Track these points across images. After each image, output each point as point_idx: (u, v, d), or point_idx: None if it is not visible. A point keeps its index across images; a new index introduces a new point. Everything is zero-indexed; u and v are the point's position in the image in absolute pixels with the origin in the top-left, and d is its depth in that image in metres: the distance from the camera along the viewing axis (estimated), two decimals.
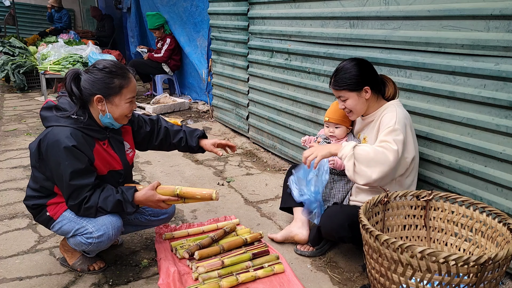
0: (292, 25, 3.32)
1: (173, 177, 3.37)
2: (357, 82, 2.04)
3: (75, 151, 1.80)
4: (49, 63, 6.00)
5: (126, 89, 1.88)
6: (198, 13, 5.52)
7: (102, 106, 1.87)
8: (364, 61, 2.12)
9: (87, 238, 1.90)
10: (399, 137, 1.93)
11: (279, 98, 3.63)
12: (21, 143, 4.19)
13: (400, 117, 1.99)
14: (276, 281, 2.01)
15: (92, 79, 1.84)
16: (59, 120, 1.85)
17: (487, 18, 1.93)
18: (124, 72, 1.88)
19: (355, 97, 2.07)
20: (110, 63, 1.87)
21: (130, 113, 1.96)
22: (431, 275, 1.46)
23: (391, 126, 1.96)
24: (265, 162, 3.75)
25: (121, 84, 1.86)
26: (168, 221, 2.36)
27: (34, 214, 2.00)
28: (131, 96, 1.91)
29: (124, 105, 1.89)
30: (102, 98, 1.85)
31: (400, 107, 2.09)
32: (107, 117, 1.89)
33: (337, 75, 2.09)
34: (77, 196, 1.83)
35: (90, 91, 1.84)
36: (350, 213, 2.02)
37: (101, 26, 9.33)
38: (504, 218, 1.72)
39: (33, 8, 11.77)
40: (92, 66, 1.89)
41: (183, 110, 5.62)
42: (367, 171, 1.89)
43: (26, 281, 2.04)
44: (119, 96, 1.87)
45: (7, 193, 3.03)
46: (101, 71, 1.84)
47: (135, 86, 1.94)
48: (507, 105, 1.89)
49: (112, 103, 1.87)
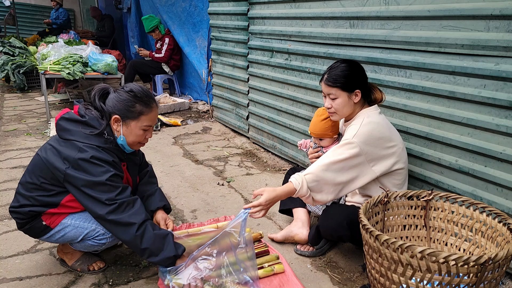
0: (292, 25, 3.32)
1: (173, 177, 3.37)
2: (350, 82, 2.02)
3: (116, 166, 1.83)
4: (49, 63, 5.99)
5: (145, 117, 1.89)
6: (197, 13, 5.52)
7: (118, 127, 1.88)
8: (357, 63, 2.11)
9: (99, 239, 1.92)
10: (349, 152, 1.92)
11: (279, 98, 3.63)
12: (21, 143, 4.19)
13: (362, 130, 1.95)
14: (276, 281, 2.01)
15: (117, 98, 1.86)
16: (89, 139, 1.81)
17: (487, 18, 1.93)
18: (149, 100, 1.89)
19: (345, 97, 2.03)
20: (138, 89, 1.88)
21: (144, 141, 1.96)
22: (431, 275, 1.46)
23: (348, 138, 1.96)
24: (265, 162, 3.75)
25: (142, 110, 1.87)
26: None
27: (25, 222, 1.90)
28: (148, 124, 1.91)
29: (139, 132, 1.89)
30: (119, 119, 1.86)
31: (371, 116, 2.04)
32: (121, 139, 1.90)
33: (331, 71, 2.06)
34: (120, 193, 1.79)
35: (111, 108, 1.86)
36: (349, 212, 2.03)
37: (101, 26, 9.33)
38: (504, 218, 1.72)
39: (33, 8, 11.77)
40: (121, 87, 1.91)
41: (183, 110, 5.62)
42: (322, 197, 1.92)
43: (26, 281, 2.04)
44: (136, 121, 1.87)
45: (7, 193, 3.03)
46: (127, 93, 1.86)
47: (156, 117, 1.94)
48: (507, 105, 1.89)
49: (128, 126, 1.88)
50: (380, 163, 1.98)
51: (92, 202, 1.78)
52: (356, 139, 1.93)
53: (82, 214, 1.93)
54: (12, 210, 1.92)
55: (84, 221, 1.92)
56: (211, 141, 4.37)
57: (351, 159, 1.92)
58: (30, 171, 1.89)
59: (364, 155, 1.94)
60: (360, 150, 1.92)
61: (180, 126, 4.88)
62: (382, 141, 1.98)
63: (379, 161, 1.98)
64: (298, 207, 2.43)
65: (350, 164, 1.93)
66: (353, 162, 1.93)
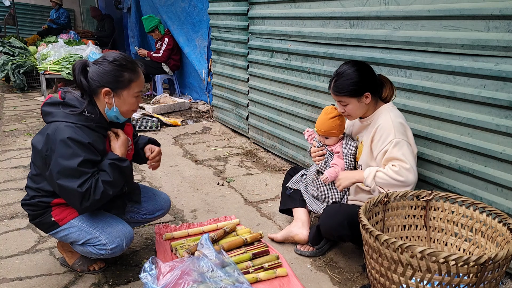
0: (292, 25, 3.32)
1: (173, 177, 3.37)
2: (358, 88, 2.03)
3: (92, 148, 1.76)
4: (49, 63, 6.01)
5: (135, 83, 1.86)
6: (196, 13, 5.52)
7: (109, 100, 1.83)
8: (365, 65, 2.10)
9: (99, 249, 1.89)
10: (405, 150, 1.96)
11: (279, 98, 3.63)
12: (21, 143, 4.19)
13: (396, 125, 2.00)
14: (276, 281, 2.01)
15: (101, 71, 1.80)
16: (69, 117, 1.78)
17: (487, 18, 1.93)
18: (134, 66, 1.86)
19: (356, 102, 2.07)
20: (120, 56, 1.83)
21: (137, 108, 1.94)
22: (431, 275, 1.46)
23: (393, 140, 1.97)
24: (265, 162, 3.75)
25: (131, 78, 1.83)
26: (164, 215, 2.35)
27: (36, 214, 1.92)
28: (139, 90, 1.89)
29: (132, 100, 1.87)
30: (110, 91, 1.81)
31: (393, 110, 2.08)
32: (113, 111, 1.86)
33: (337, 80, 2.07)
34: (84, 179, 1.73)
35: (98, 83, 1.80)
36: (349, 211, 2.03)
37: (101, 26, 9.34)
38: (504, 218, 1.72)
39: (33, 8, 11.77)
40: (101, 57, 1.84)
41: (183, 110, 5.62)
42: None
43: (26, 281, 2.04)
44: (127, 90, 1.84)
45: (7, 193, 3.03)
46: (111, 64, 1.80)
47: (143, 81, 1.92)
48: (507, 105, 1.89)
49: (120, 97, 1.84)
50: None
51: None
52: (399, 137, 1.98)
53: (91, 218, 1.93)
54: (23, 203, 1.95)
55: (91, 226, 1.91)
56: (211, 141, 4.37)
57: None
58: (32, 163, 1.91)
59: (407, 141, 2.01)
60: (407, 144, 1.98)
61: (180, 126, 4.89)
62: (408, 130, 2.07)
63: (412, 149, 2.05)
64: (298, 207, 2.43)
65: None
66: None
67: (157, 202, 2.27)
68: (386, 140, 1.99)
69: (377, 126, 2.05)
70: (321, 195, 2.31)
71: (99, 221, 1.93)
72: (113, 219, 1.97)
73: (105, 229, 1.90)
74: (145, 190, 2.29)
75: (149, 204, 2.24)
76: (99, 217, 1.94)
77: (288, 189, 2.50)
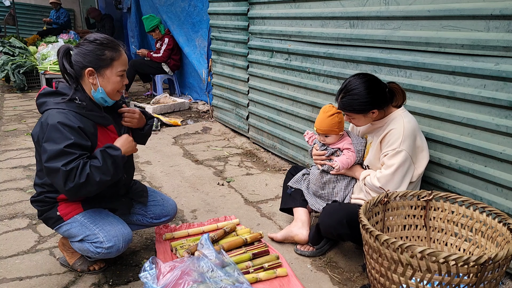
0: (292, 25, 3.32)
1: (173, 177, 3.37)
2: (365, 108, 2.03)
3: (81, 133, 1.76)
4: (49, 63, 6.01)
5: (117, 62, 1.86)
6: (196, 13, 5.52)
7: (94, 80, 1.84)
8: (374, 81, 2.05)
9: (96, 247, 1.89)
10: (400, 161, 1.98)
11: (279, 98, 3.63)
12: (21, 143, 4.19)
13: (407, 134, 2.00)
14: (276, 281, 2.01)
15: (83, 51, 1.81)
16: (60, 104, 1.80)
17: (487, 18, 1.93)
18: (115, 45, 1.87)
19: (362, 118, 2.09)
20: (101, 36, 1.85)
21: (123, 88, 1.94)
22: (431, 275, 1.46)
23: (396, 148, 1.99)
24: (265, 162, 3.75)
25: (112, 56, 1.84)
26: (169, 222, 2.36)
27: (44, 210, 1.95)
28: (122, 69, 1.89)
29: (116, 79, 1.87)
30: (93, 71, 1.82)
31: (407, 117, 2.07)
32: (99, 92, 1.86)
33: (344, 97, 2.06)
34: (69, 160, 1.70)
35: (81, 63, 1.82)
36: (349, 210, 2.03)
37: (101, 26, 9.32)
38: (504, 218, 1.72)
39: (33, 8, 11.77)
40: (82, 39, 1.87)
41: (183, 110, 5.62)
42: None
43: (26, 281, 2.04)
44: (110, 68, 1.85)
45: (7, 193, 3.03)
46: (92, 43, 1.82)
47: (126, 60, 1.92)
48: (507, 105, 1.89)
49: (104, 76, 1.85)
50: (418, 161, 2.08)
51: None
52: (403, 146, 1.99)
53: (93, 215, 1.94)
54: (32, 200, 1.98)
55: (92, 222, 1.92)
56: (211, 141, 4.37)
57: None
58: (37, 159, 1.93)
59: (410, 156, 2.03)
60: (407, 155, 2.00)
61: (180, 126, 4.88)
62: (420, 137, 2.08)
63: (418, 159, 2.08)
64: (298, 206, 2.43)
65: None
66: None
67: (165, 208, 2.27)
68: (393, 145, 2.01)
69: (390, 129, 2.05)
70: (325, 193, 2.29)
71: (100, 219, 1.94)
72: (114, 219, 1.98)
73: (105, 227, 1.91)
74: (154, 194, 2.30)
75: (157, 208, 2.25)
76: (101, 216, 1.96)
77: (289, 188, 2.50)
